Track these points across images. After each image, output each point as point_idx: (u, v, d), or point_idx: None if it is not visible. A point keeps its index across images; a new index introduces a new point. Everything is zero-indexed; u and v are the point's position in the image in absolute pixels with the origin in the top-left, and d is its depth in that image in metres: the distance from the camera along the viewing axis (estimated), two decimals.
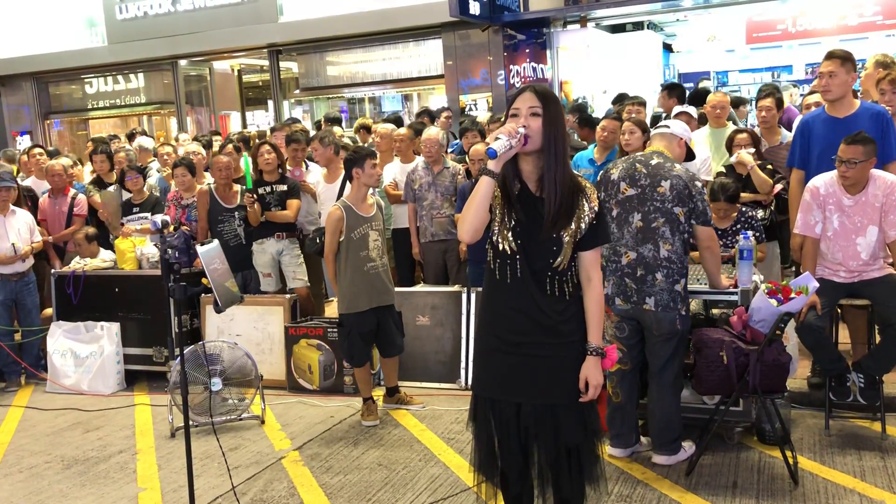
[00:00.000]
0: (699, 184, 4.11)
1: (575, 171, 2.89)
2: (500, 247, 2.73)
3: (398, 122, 8.91)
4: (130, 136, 10.08)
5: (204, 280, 3.18)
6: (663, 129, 4.30)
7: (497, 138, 2.56)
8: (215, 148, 8.08)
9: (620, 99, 7.88)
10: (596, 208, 2.74)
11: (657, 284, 4.04)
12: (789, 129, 5.99)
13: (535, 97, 2.66)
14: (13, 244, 6.25)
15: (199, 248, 3.18)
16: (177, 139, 10.03)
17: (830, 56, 4.82)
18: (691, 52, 14.68)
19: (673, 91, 7.56)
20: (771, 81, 13.82)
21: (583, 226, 2.71)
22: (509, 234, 2.70)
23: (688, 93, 8.05)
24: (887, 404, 4.53)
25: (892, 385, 4.85)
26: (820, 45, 12.85)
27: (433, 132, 6.41)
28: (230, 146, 7.13)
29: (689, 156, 4.44)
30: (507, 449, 2.84)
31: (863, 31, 11.89)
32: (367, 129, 8.69)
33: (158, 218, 3.05)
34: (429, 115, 8.88)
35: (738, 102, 8.66)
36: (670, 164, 4.11)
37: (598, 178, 4.28)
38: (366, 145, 7.22)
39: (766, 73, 14.91)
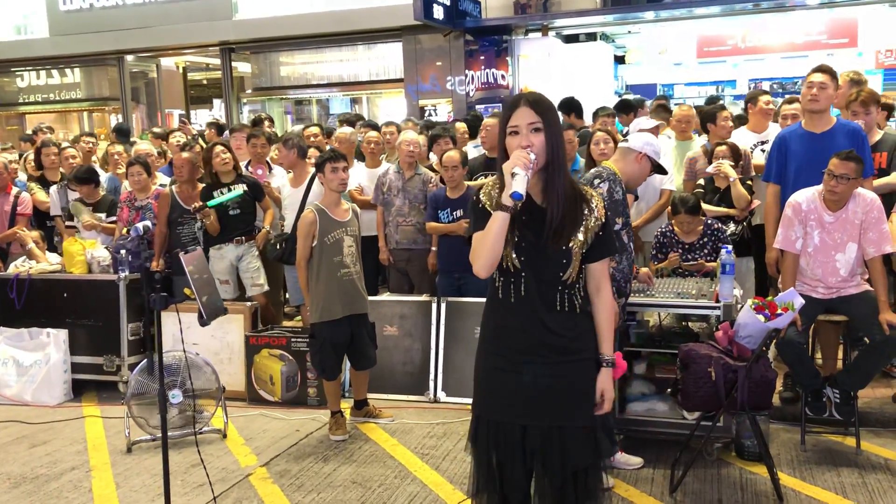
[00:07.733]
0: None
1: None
2: (504, 264, 2.61)
3: (352, 124, 8.65)
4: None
5: (187, 290, 2.97)
6: (622, 143, 4.21)
7: (514, 174, 2.41)
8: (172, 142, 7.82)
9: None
10: (602, 219, 2.65)
11: None
12: None
13: (533, 111, 2.54)
14: None
15: (183, 256, 2.96)
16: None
17: (821, 70, 4.85)
18: (640, 64, 14.84)
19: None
20: (716, 94, 14.10)
21: (590, 237, 2.62)
22: (513, 252, 2.59)
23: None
24: (861, 419, 4.55)
25: (865, 400, 4.91)
26: (763, 61, 13.18)
27: (411, 135, 6.15)
28: (197, 145, 6.89)
29: (659, 169, 4.20)
30: (510, 473, 2.70)
31: (806, 50, 12.18)
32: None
33: (140, 225, 2.81)
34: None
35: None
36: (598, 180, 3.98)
37: None
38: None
39: (711, 86, 15.18)
